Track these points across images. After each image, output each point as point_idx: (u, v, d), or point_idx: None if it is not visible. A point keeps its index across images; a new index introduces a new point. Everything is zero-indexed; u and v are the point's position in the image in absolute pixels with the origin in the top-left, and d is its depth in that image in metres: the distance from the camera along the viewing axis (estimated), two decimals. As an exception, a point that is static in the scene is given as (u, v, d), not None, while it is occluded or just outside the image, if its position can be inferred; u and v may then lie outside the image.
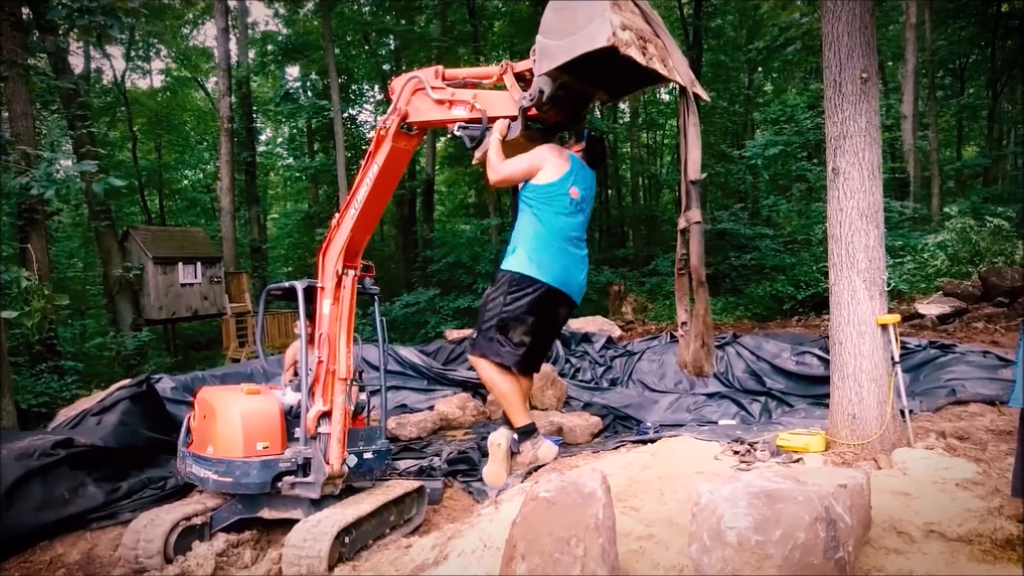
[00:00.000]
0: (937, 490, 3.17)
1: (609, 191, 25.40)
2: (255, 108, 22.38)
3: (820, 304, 11.19)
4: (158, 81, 24.85)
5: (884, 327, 3.92)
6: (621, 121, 24.64)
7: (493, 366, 3.01)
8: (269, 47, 20.04)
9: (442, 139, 21.01)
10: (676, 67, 2.69)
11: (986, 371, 5.49)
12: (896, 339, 3.96)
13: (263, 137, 27.32)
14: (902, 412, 4.01)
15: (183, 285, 14.17)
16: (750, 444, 4.37)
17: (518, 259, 2.97)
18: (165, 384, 7.01)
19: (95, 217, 13.66)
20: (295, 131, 25.64)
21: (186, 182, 25.75)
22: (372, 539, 4.20)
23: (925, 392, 5.41)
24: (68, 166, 7.15)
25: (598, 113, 21.55)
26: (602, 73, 2.86)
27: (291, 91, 21.36)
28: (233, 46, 19.12)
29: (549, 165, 3.08)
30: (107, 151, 17.76)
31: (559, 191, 3.07)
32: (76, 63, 16.96)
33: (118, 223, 15.78)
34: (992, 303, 8.73)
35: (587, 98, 3.22)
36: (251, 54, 20.77)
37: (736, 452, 4.26)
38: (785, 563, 2.04)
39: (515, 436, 2.84)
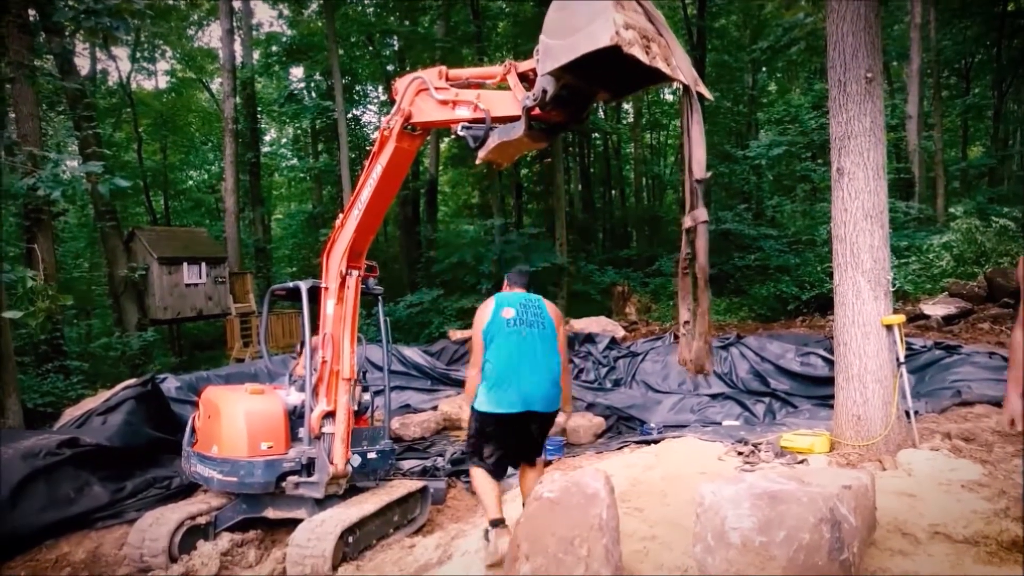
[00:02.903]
0: (942, 492, 3.15)
1: (612, 191, 25.39)
2: (259, 109, 22.45)
3: (824, 305, 11.15)
4: (163, 82, 25.02)
5: (889, 328, 3.90)
6: (624, 121, 24.62)
7: (475, 468, 3.27)
8: (273, 48, 20.06)
9: (445, 140, 21.03)
10: (679, 66, 2.68)
11: (992, 372, 5.46)
12: (901, 340, 3.94)
13: (267, 138, 27.42)
14: (907, 413, 3.99)
15: (188, 285, 14.22)
16: (754, 445, 4.36)
17: (479, 400, 3.15)
18: (170, 384, 7.05)
19: (101, 218, 13.73)
20: (299, 132, 25.71)
21: (191, 183, 25.87)
22: (376, 539, 4.21)
23: (930, 393, 5.39)
24: (74, 167, 7.17)
25: (601, 113, 21.54)
26: (605, 72, 2.85)
27: (295, 92, 21.42)
28: (237, 47, 19.19)
29: (479, 320, 3.29)
30: (112, 152, 17.84)
31: (495, 320, 3.20)
32: (82, 64, 17.06)
33: (123, 223, 15.85)
34: (998, 304, 8.68)
35: (590, 97, 3.21)
36: (255, 55, 20.82)
37: (740, 453, 4.25)
38: (789, 564, 2.04)
39: (487, 527, 3.09)
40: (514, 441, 3.25)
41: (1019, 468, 3.42)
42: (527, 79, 3.20)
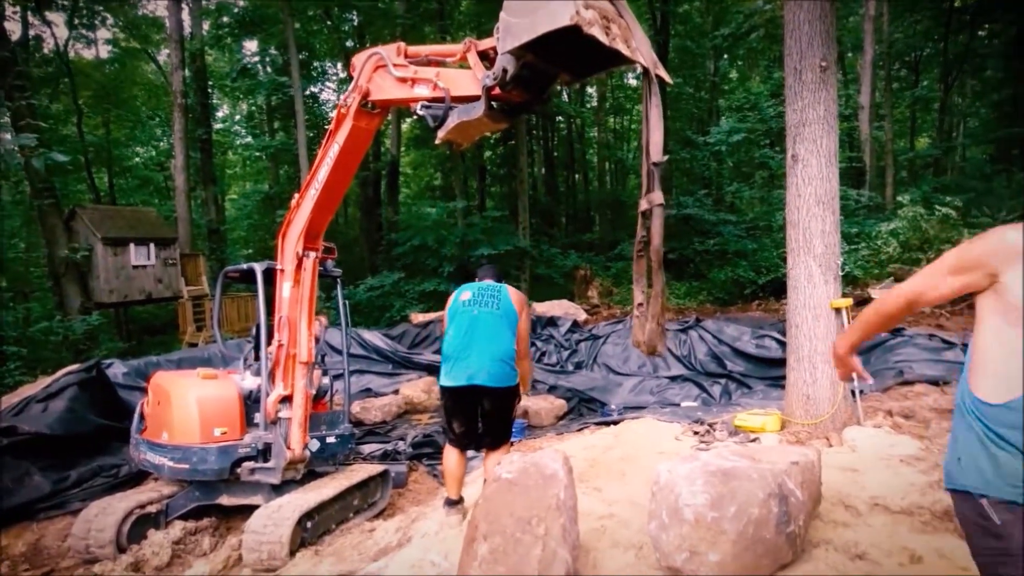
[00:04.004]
0: (883, 466, 3.32)
1: (576, 175, 25.45)
2: (210, 83, 21.45)
3: (780, 289, 11.50)
4: (104, 52, 23.58)
5: (838, 311, 4.05)
6: (588, 105, 24.63)
7: (447, 445, 3.49)
8: (224, 19, 19.11)
9: (407, 120, 20.60)
10: (639, 48, 2.67)
11: (931, 353, 5.76)
12: (849, 322, 4.10)
13: (219, 114, 26.28)
14: (853, 392, 4.17)
15: (135, 267, 13.61)
16: (709, 425, 4.50)
17: (440, 375, 3.45)
18: (117, 369, 6.76)
19: (37, 195, 12.91)
20: (253, 108, 24.72)
21: (137, 160, 24.61)
22: (335, 523, 4.16)
23: (875, 373, 5.64)
24: (6, 139, 6.71)
25: (565, 97, 21.47)
26: (566, 53, 2.82)
27: (248, 66, 20.53)
28: (186, 17, 18.23)
29: (447, 306, 3.54)
30: (49, 124, 16.76)
31: (454, 304, 3.46)
32: (12, 29, 15.84)
33: (63, 201, 14.97)
34: (938, 288, 9.11)
35: (551, 78, 3.18)
36: (205, 26, 19.82)
37: (696, 432, 4.37)
38: (739, 538, 2.11)
39: (445, 505, 3.40)
40: (471, 415, 3.37)
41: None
42: (488, 58, 3.13)
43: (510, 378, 3.31)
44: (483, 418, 3.36)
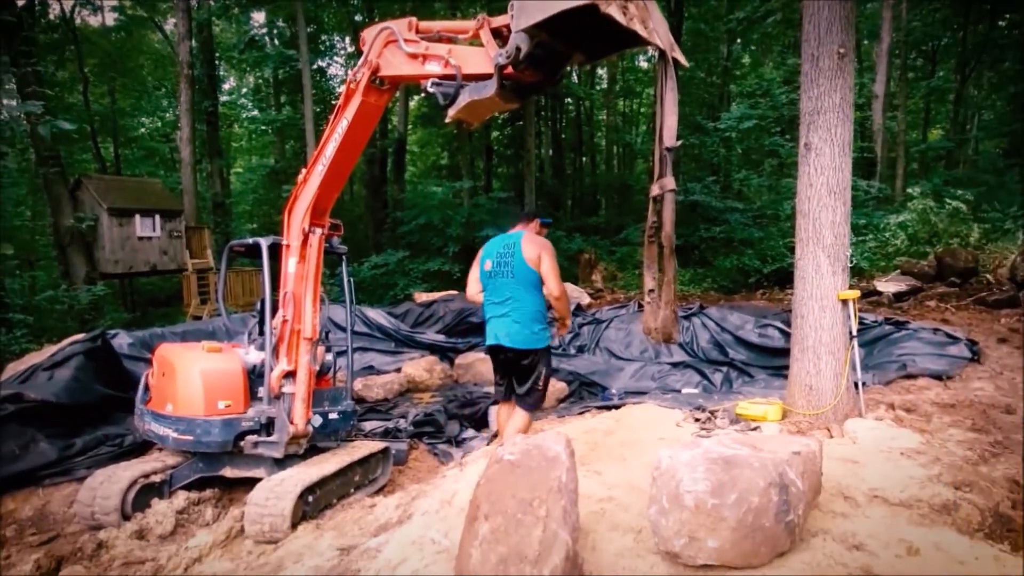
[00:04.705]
0: (883, 458, 3.32)
1: (583, 158, 25.24)
2: (217, 54, 21.23)
3: (784, 278, 11.48)
4: (110, 19, 23.31)
5: (844, 302, 4.03)
6: (598, 88, 24.32)
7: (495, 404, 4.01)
8: (233, -11, 18.89)
9: (415, 98, 20.42)
10: (656, 29, 2.62)
11: (935, 347, 5.74)
12: (855, 315, 4.08)
13: (226, 86, 26.07)
14: (856, 384, 4.17)
15: (140, 239, 13.63)
16: (711, 412, 4.51)
17: None
18: (122, 340, 6.80)
19: (43, 163, 12.87)
20: (260, 81, 24.51)
21: (143, 130, 24.48)
22: (336, 498, 4.21)
23: (878, 366, 5.63)
24: (11, 106, 6.66)
25: (575, 78, 21.19)
26: (581, 33, 2.77)
27: (256, 38, 20.29)
28: (194, -15, 18.00)
29: (477, 258, 3.93)
30: (54, 92, 16.65)
31: (480, 268, 3.84)
32: (19, -6, 15.66)
33: (69, 170, 14.95)
34: (945, 283, 9.08)
35: (564, 58, 3.13)
36: (213, -5, 19.59)
37: (697, 419, 4.39)
38: (739, 525, 2.12)
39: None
40: (502, 369, 3.86)
41: (953, 437, 3.63)
42: (501, 36, 3.08)
43: (527, 340, 3.62)
44: (509, 370, 3.80)
